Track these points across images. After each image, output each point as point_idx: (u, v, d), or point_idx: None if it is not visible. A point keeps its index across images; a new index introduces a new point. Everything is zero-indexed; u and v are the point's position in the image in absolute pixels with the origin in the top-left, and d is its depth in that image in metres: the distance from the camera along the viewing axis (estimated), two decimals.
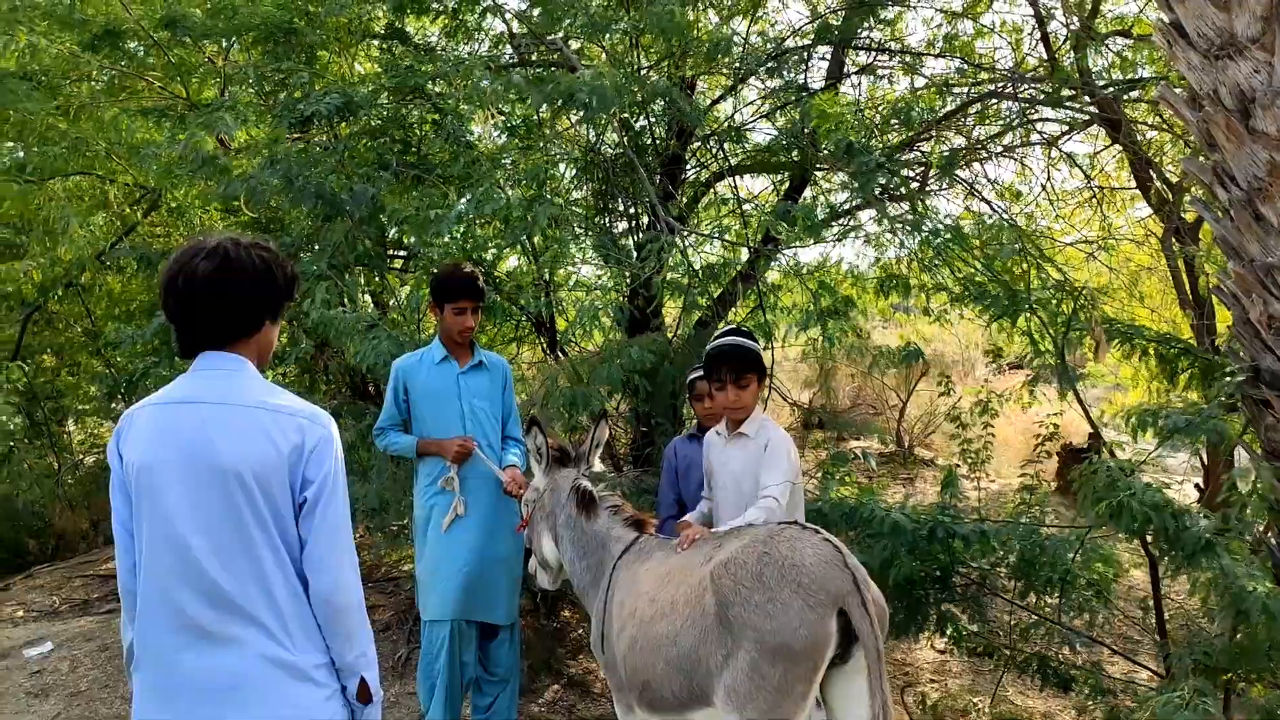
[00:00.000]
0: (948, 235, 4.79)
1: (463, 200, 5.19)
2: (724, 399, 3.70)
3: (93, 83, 7.28)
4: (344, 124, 5.97)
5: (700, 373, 4.34)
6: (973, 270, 5.00)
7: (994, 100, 6.51)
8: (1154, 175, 6.85)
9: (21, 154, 7.45)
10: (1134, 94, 6.28)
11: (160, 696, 2.14)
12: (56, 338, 9.11)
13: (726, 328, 4.00)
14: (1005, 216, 6.40)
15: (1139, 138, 6.72)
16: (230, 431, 2.12)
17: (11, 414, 7.71)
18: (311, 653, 2.19)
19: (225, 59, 7.03)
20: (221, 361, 2.21)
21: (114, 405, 8.11)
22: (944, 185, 6.75)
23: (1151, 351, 4.52)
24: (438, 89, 6.09)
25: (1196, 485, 7.68)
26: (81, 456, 9.41)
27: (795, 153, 6.21)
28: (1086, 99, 6.13)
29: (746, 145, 6.84)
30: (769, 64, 6.23)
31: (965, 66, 6.61)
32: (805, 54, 6.52)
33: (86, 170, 7.54)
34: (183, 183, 6.58)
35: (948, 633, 4.43)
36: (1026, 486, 5.02)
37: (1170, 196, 6.73)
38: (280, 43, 6.19)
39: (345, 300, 5.62)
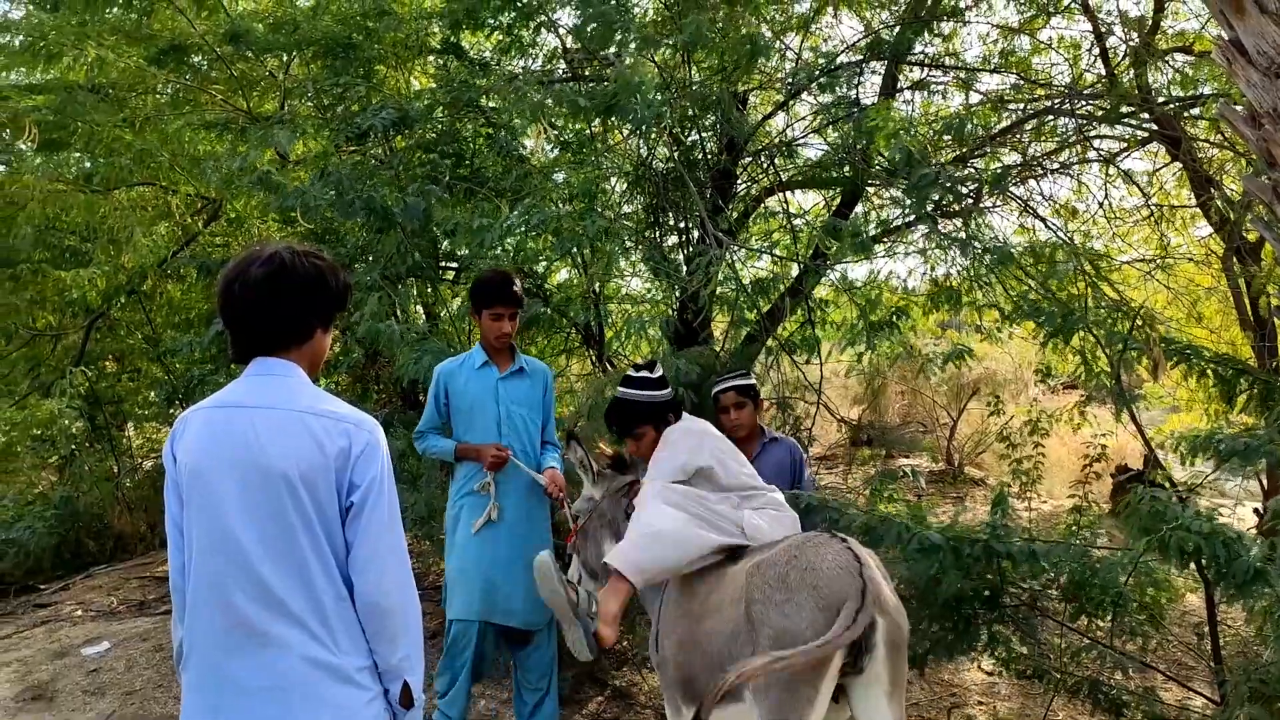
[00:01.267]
0: (999, 253, 4.73)
1: (514, 213, 5.26)
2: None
3: (158, 96, 7.47)
4: (399, 137, 6.07)
5: (724, 385, 4.60)
6: (1026, 287, 4.95)
7: (1050, 116, 6.43)
8: (1215, 193, 6.72)
9: (89, 164, 7.66)
10: (1195, 111, 6.17)
11: (207, 695, 2.17)
12: (118, 344, 9.32)
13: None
14: (1060, 234, 6.32)
15: (1200, 155, 6.60)
16: (279, 436, 2.16)
17: (74, 418, 7.89)
18: (355, 655, 2.20)
19: (286, 73, 7.18)
20: (273, 367, 2.25)
21: (172, 410, 8.28)
22: (997, 202, 6.68)
23: (1210, 373, 4.42)
24: (491, 103, 6.16)
25: (1256, 510, 7.50)
26: (140, 460, 9.62)
27: (846, 168, 6.19)
28: (1146, 116, 6.04)
29: (797, 160, 6.83)
30: (821, 79, 6.22)
31: (1021, 82, 6.55)
32: (858, 69, 6.50)
33: (150, 181, 7.74)
34: (242, 194, 6.73)
35: (997, 654, 4.36)
36: (1076, 507, 4.94)
37: (1231, 215, 6.60)
38: (339, 57, 6.31)
39: (397, 311, 5.71)
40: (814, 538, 3.05)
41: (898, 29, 6.34)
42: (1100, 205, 7.30)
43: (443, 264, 6.64)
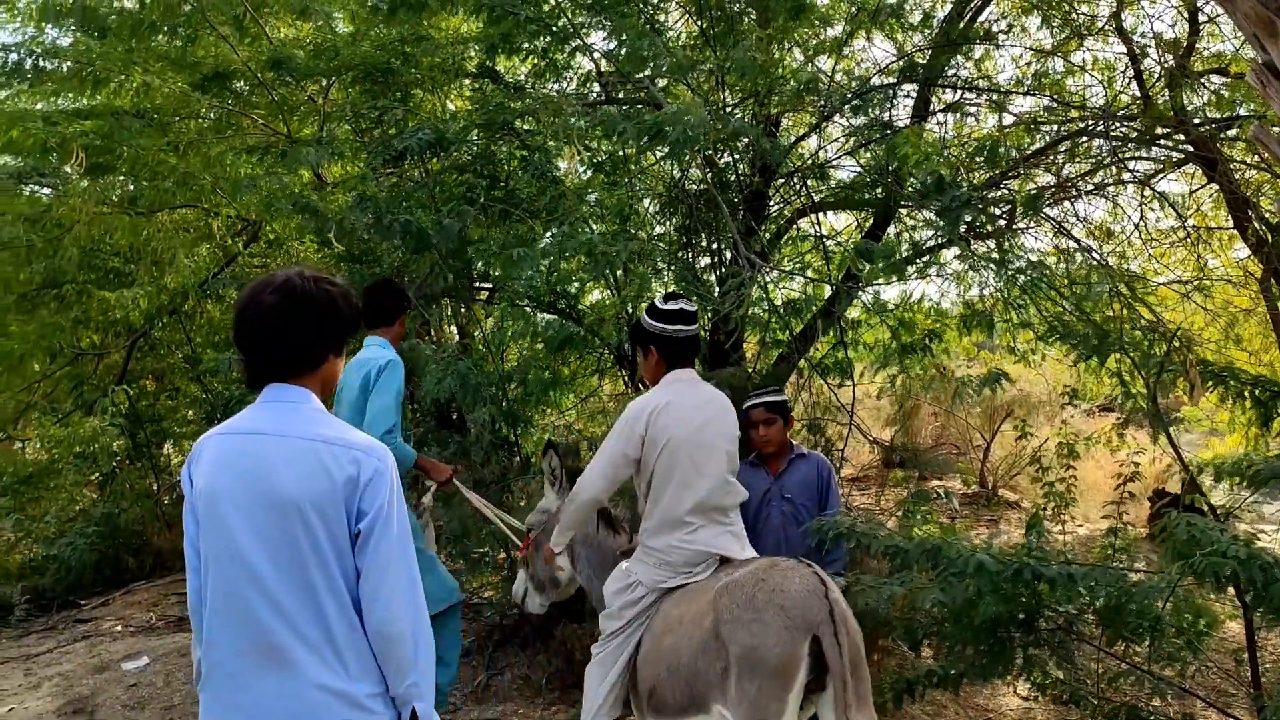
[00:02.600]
0: (1032, 274, 4.72)
1: (548, 236, 5.31)
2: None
3: (201, 120, 7.62)
4: (435, 159, 6.16)
5: (754, 401, 4.67)
6: (1060, 309, 4.93)
7: (1085, 138, 6.42)
8: (1252, 215, 6.66)
9: (133, 187, 7.81)
10: (1231, 132, 6.14)
11: (223, 716, 2.21)
12: (159, 363, 9.46)
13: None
14: (1095, 255, 6.29)
15: (1237, 176, 6.55)
16: (291, 464, 2.18)
17: (116, 436, 8.02)
18: (366, 682, 2.21)
19: (325, 97, 7.30)
20: (287, 394, 2.28)
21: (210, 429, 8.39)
22: (1031, 223, 6.66)
23: (1247, 395, 4.38)
24: (526, 126, 6.24)
25: None
26: (179, 479, 9.73)
27: (879, 190, 6.21)
28: (1181, 137, 6.01)
29: (830, 182, 6.86)
30: (854, 102, 6.25)
31: (1055, 104, 6.54)
32: (890, 92, 6.53)
33: (192, 203, 7.88)
34: (281, 216, 6.84)
35: (1033, 678, 4.32)
36: (1111, 529, 4.90)
37: (1270, 237, 6.54)
38: (378, 82, 6.42)
39: (431, 331, 5.77)
40: (781, 562, 3.22)
41: (930, 52, 6.36)
42: (1136, 227, 7.26)
43: (476, 284, 6.71)
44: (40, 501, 8.53)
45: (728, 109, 6.19)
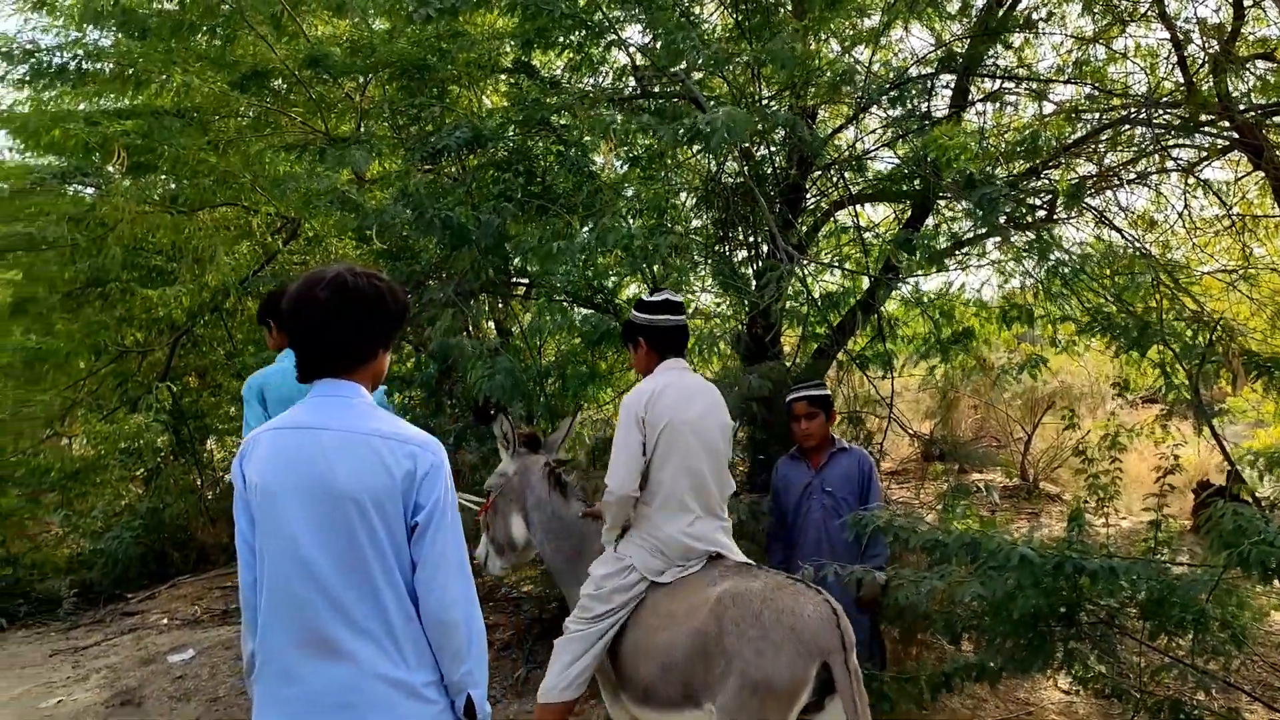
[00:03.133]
0: (1073, 265, 4.67)
1: (585, 230, 5.31)
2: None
3: (240, 119, 7.70)
4: (472, 156, 6.18)
5: (797, 394, 4.68)
6: (1102, 300, 4.87)
7: (1127, 126, 6.32)
8: None
9: (174, 186, 7.91)
10: (1277, 118, 6.01)
11: (279, 708, 2.23)
12: (201, 360, 9.58)
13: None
14: (1138, 245, 6.20)
15: None
16: (347, 457, 2.21)
17: (160, 432, 8.14)
18: (422, 670, 2.25)
19: (362, 95, 7.35)
20: (339, 389, 2.31)
21: None
22: (1072, 213, 6.58)
23: None
24: (562, 121, 6.25)
25: None
26: (221, 474, 9.87)
27: (917, 181, 6.15)
28: (1226, 124, 5.90)
29: (867, 174, 6.81)
30: (891, 93, 6.19)
31: (1097, 92, 6.45)
32: (928, 82, 6.46)
33: (232, 201, 7.97)
34: (320, 213, 6.90)
35: (1075, 672, 4.28)
36: (1154, 521, 4.84)
37: None
38: (414, 78, 6.45)
39: (469, 326, 5.80)
40: (793, 584, 3.30)
41: (969, 41, 6.29)
42: (1179, 216, 7.14)
43: (514, 280, 6.73)
44: (87, 497, 8.69)
45: (764, 102, 6.16)
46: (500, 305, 7.14)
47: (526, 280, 6.65)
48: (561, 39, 6.29)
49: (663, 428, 3.61)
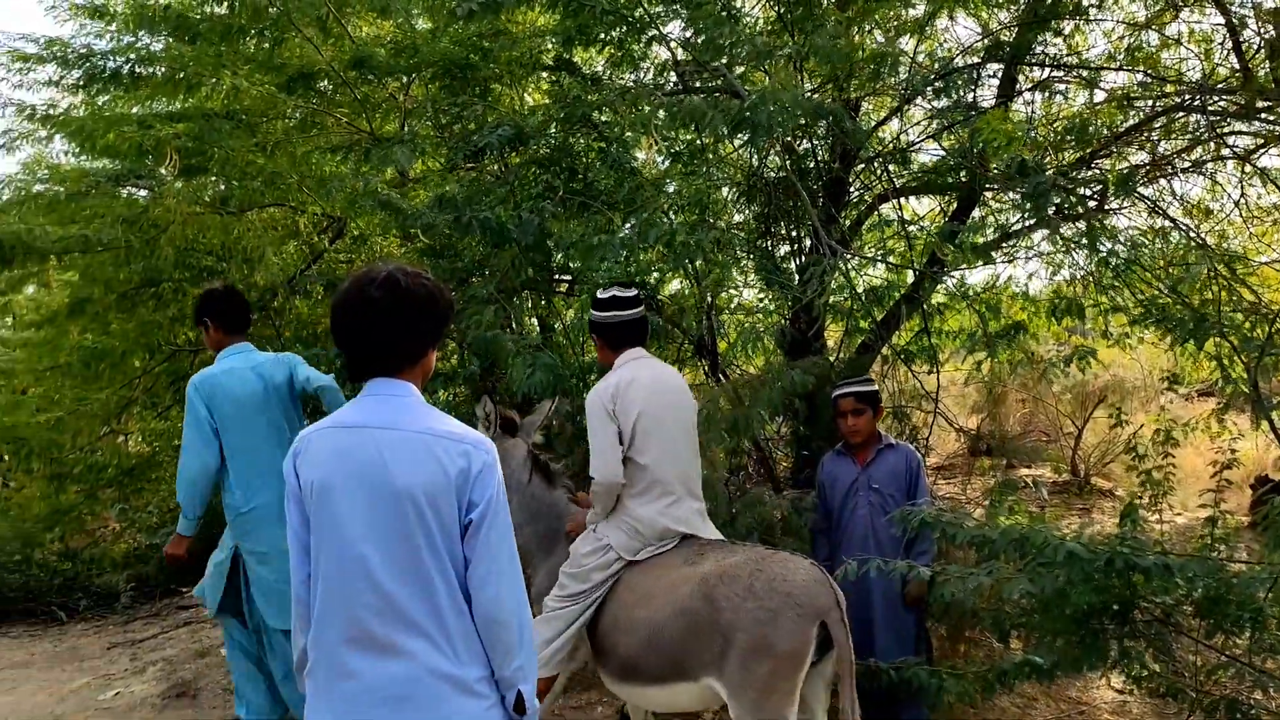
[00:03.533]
0: (1125, 255, 4.57)
1: (627, 226, 5.31)
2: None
3: (287, 120, 7.78)
4: (514, 154, 6.20)
5: (844, 390, 4.67)
6: (1155, 291, 4.76)
7: (1180, 113, 6.17)
8: None
9: (224, 187, 8.02)
10: None
11: (332, 702, 2.26)
12: None
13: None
14: (1193, 235, 6.05)
15: None
16: (403, 455, 2.24)
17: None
18: (474, 666, 2.28)
19: (406, 94, 7.40)
20: (391, 388, 2.34)
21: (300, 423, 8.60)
22: (1124, 203, 6.44)
23: None
24: (604, 117, 6.24)
25: None
26: None
27: (963, 173, 6.07)
28: None
29: (912, 166, 6.72)
30: (936, 83, 6.11)
31: (1149, 79, 6.31)
32: (975, 72, 6.36)
33: (280, 201, 8.06)
34: (364, 213, 6.96)
35: (1128, 670, 4.19)
36: (1210, 518, 4.73)
37: None
38: (457, 78, 6.48)
39: (512, 324, 5.82)
40: (776, 554, 3.47)
41: (1017, 29, 6.18)
42: (1236, 204, 6.97)
43: (556, 277, 6.75)
44: (143, 492, 8.85)
45: (807, 94, 6.11)
46: (543, 302, 7.16)
47: (569, 277, 6.66)
48: (602, 35, 6.29)
49: (637, 416, 3.73)
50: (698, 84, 6.52)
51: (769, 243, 6.42)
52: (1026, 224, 6.21)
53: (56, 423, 8.14)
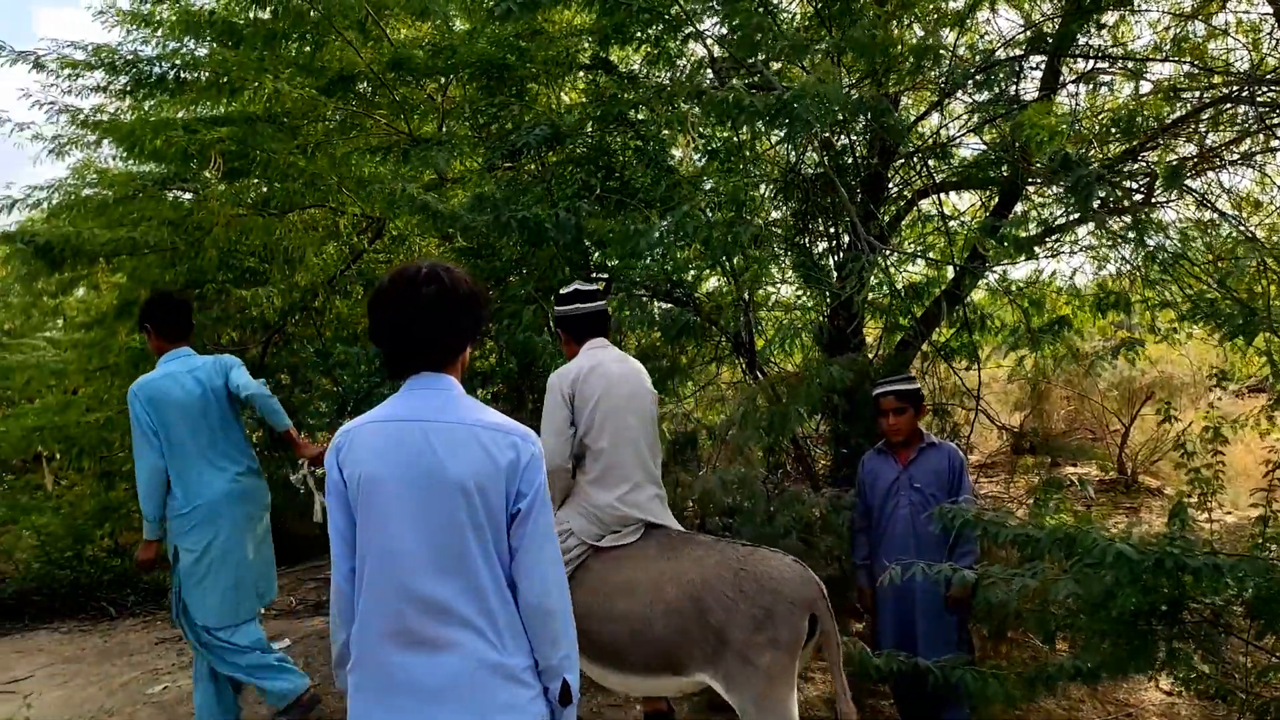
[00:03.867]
0: (1173, 249, 4.48)
1: (664, 222, 5.30)
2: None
3: (327, 122, 7.86)
4: (551, 153, 6.21)
5: (884, 388, 4.62)
6: (1203, 285, 4.67)
7: (1228, 105, 6.05)
8: None
9: (266, 189, 8.12)
10: None
11: (378, 695, 2.27)
12: (292, 357, 9.82)
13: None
14: (1242, 228, 5.93)
15: None
16: (453, 447, 2.26)
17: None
18: (519, 655, 2.30)
19: (444, 95, 7.45)
20: (435, 382, 2.37)
21: (342, 420, 8.68)
22: (1171, 196, 6.32)
23: None
24: (640, 116, 6.23)
25: None
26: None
27: (1004, 167, 5.98)
28: None
29: (952, 161, 6.65)
30: (977, 76, 6.03)
31: (1196, 70, 6.19)
32: (1017, 65, 6.27)
33: (320, 203, 8.14)
34: (403, 213, 7.02)
35: (1177, 672, 4.11)
36: (1261, 517, 4.62)
37: None
38: (494, 78, 6.51)
39: (549, 322, 5.83)
40: (747, 548, 3.56)
41: (1060, 20, 6.08)
42: None
43: (594, 275, 6.75)
44: None
45: (845, 90, 6.06)
46: None
47: (606, 275, 6.67)
48: (639, 33, 6.28)
49: (596, 401, 3.79)
50: (734, 81, 6.49)
51: (807, 239, 6.38)
52: (1070, 218, 6.11)
53: (106, 422, 8.29)
